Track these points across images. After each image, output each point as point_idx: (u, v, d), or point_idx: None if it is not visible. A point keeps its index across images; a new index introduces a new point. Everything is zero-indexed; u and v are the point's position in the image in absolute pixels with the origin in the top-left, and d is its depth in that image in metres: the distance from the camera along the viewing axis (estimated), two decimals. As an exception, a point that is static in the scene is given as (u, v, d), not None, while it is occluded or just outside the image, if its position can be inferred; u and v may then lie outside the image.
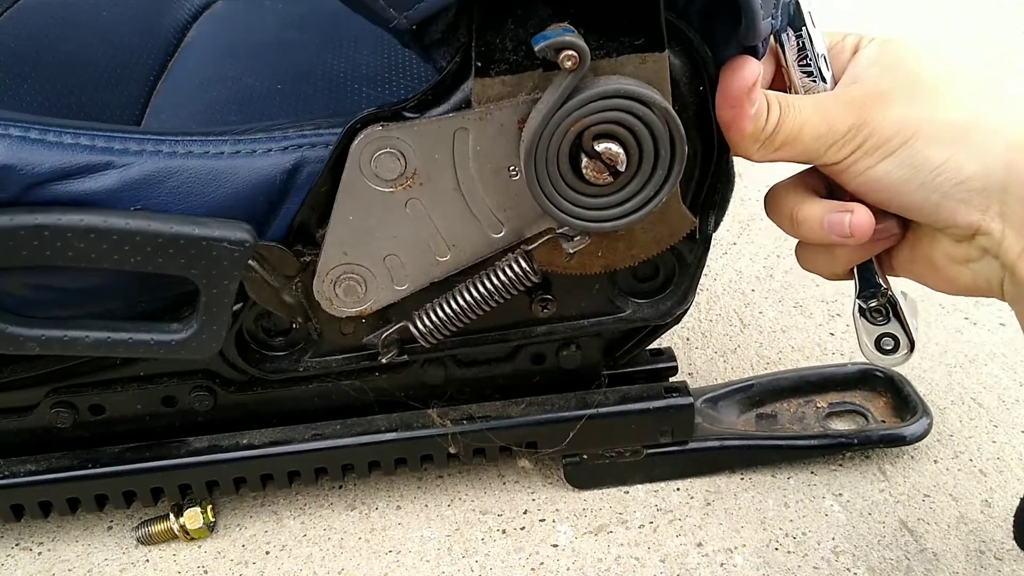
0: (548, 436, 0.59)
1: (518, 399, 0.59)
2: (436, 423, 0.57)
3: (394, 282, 0.49)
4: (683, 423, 0.59)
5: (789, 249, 0.85)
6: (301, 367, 0.54)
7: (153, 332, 0.48)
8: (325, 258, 0.48)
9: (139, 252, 0.45)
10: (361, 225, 0.47)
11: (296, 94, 0.60)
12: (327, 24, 0.70)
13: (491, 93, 0.43)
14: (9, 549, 0.60)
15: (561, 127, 0.43)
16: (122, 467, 0.56)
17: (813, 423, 0.65)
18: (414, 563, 0.58)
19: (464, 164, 0.46)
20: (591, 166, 0.44)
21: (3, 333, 0.46)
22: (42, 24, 0.69)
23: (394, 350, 0.53)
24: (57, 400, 0.55)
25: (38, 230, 0.43)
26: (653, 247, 0.50)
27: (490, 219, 0.48)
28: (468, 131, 0.44)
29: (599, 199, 0.45)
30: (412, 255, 0.48)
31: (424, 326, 0.51)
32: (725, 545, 0.58)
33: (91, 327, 0.48)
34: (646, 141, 0.43)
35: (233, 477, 0.58)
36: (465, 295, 0.50)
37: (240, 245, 0.45)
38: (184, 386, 0.55)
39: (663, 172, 0.45)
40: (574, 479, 0.62)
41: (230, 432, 0.58)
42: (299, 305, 0.50)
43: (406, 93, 0.55)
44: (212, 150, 0.46)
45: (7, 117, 0.45)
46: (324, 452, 0.57)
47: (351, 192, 0.46)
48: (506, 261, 0.49)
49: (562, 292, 0.53)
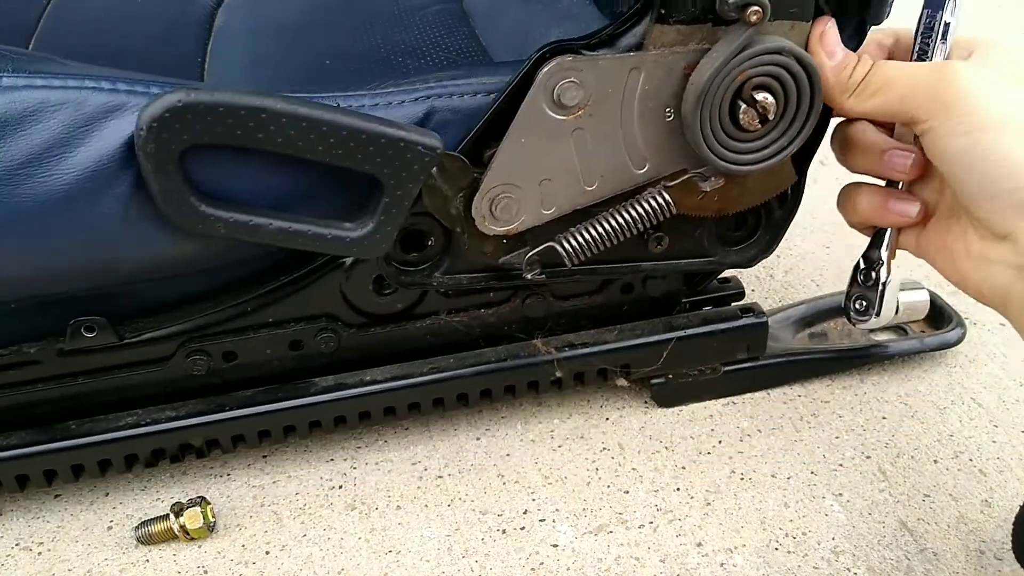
0: (642, 358, 0.65)
1: (611, 327, 0.64)
2: (541, 351, 0.62)
3: (543, 206, 0.53)
4: (758, 340, 0.66)
5: (789, 250, 0.85)
6: (434, 281, 0.58)
7: (331, 227, 0.51)
8: (491, 175, 0.52)
9: (342, 146, 0.48)
10: (530, 148, 0.51)
11: (346, 69, 0.64)
12: (352, 5, 0.74)
13: (665, 39, 0.49)
14: (9, 549, 0.60)
15: (730, 76, 0.49)
16: (256, 408, 0.60)
17: (860, 337, 0.73)
18: (414, 563, 0.58)
19: (630, 101, 0.51)
20: (748, 113, 0.50)
21: (196, 210, 0.48)
22: (84, 16, 0.73)
23: (537, 268, 0.57)
24: (192, 349, 0.58)
25: (256, 112, 0.46)
26: (760, 196, 0.57)
27: (638, 155, 0.53)
28: (640, 71, 0.50)
29: (745, 144, 0.52)
30: (565, 181, 0.53)
31: (571, 246, 0.56)
32: (725, 545, 0.58)
33: (275, 216, 0.50)
34: (792, 94, 0.50)
35: (359, 412, 0.62)
36: (611, 220, 0.55)
37: (432, 151, 0.49)
38: (310, 328, 0.60)
39: (800, 123, 0.52)
40: (661, 398, 0.68)
41: (352, 372, 0.62)
42: (459, 218, 0.54)
43: (446, 65, 0.62)
44: (355, 104, 0.50)
45: (168, 81, 0.48)
46: (441, 384, 0.62)
47: (529, 115, 0.50)
48: (649, 194, 0.54)
49: (672, 233, 0.59)
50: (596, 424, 0.67)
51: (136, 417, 0.59)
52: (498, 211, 0.53)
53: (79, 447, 0.58)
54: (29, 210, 0.46)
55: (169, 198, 0.47)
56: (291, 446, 0.66)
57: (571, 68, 0.49)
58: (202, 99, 0.45)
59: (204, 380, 0.60)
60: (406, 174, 0.50)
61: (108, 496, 0.63)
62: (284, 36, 0.71)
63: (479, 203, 0.52)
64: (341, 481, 0.63)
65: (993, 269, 0.46)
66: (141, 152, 0.46)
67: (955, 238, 0.49)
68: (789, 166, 0.56)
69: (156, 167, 0.46)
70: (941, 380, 0.70)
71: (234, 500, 0.62)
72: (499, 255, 0.57)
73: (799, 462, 0.64)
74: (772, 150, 0.52)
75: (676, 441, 0.66)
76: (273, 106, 0.46)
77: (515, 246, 0.57)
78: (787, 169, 0.56)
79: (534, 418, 0.68)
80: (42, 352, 0.56)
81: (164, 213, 0.48)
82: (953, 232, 0.49)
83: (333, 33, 0.70)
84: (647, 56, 0.49)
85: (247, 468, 0.65)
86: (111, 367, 0.58)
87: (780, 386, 0.69)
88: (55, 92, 0.46)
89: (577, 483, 0.63)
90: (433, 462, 0.65)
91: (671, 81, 0.50)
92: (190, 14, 0.75)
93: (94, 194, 0.47)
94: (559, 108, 0.50)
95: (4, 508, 0.62)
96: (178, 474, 0.64)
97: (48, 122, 0.45)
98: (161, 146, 0.45)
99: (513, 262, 0.57)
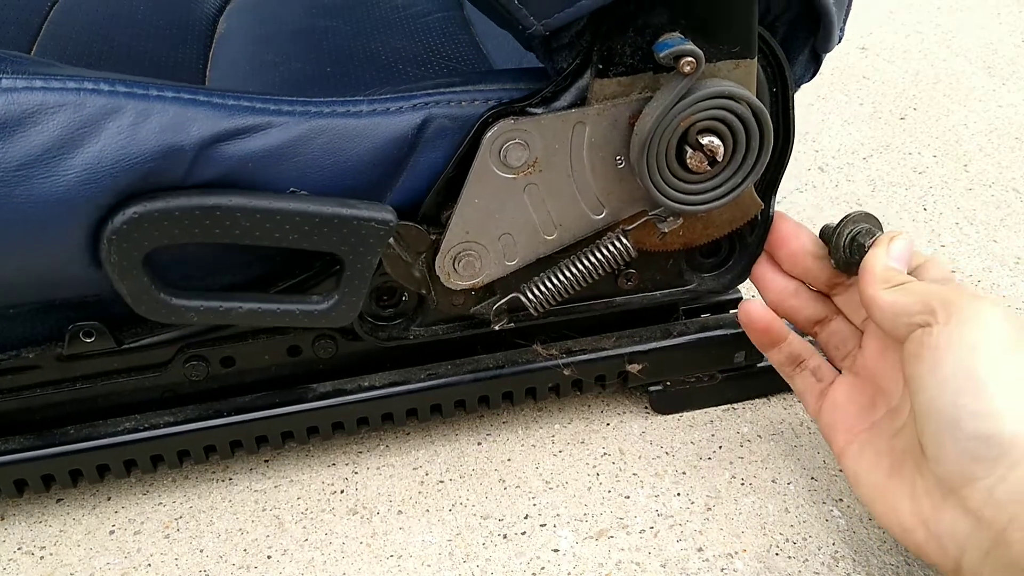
0: (641, 363, 0.65)
1: (608, 333, 0.65)
2: (542, 356, 0.63)
3: (505, 258, 0.55)
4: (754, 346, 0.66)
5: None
6: (411, 335, 0.59)
7: (298, 303, 0.54)
8: (449, 236, 0.53)
9: (297, 230, 0.49)
10: (484, 207, 0.52)
11: (347, 75, 0.64)
12: (354, 12, 0.74)
13: (607, 92, 0.49)
14: (11, 553, 0.60)
15: (673, 123, 0.49)
16: (254, 414, 0.60)
17: None
18: (415, 568, 0.58)
19: (578, 154, 0.51)
20: (695, 157, 0.50)
21: (167, 304, 0.51)
22: (86, 22, 0.73)
23: (504, 318, 0.59)
24: (191, 354, 0.59)
25: (211, 210, 0.47)
26: (726, 226, 0.57)
27: (594, 202, 0.54)
28: (585, 125, 0.50)
29: (696, 185, 0.52)
30: (524, 234, 0.54)
31: (534, 296, 0.57)
32: (726, 550, 0.58)
33: (244, 299, 0.53)
34: (740, 135, 0.51)
35: (357, 418, 0.62)
36: (572, 268, 0.56)
37: (385, 224, 0.51)
38: (308, 335, 0.60)
39: (752, 161, 0.52)
40: (659, 406, 0.68)
41: (349, 377, 0.62)
42: (424, 279, 0.55)
43: (445, 73, 0.64)
44: (352, 109, 0.51)
45: (168, 84, 0.49)
46: (439, 390, 0.63)
47: (480, 177, 0.51)
48: (608, 239, 0.56)
49: (642, 267, 0.60)
50: (597, 429, 0.67)
51: (134, 422, 0.59)
52: (461, 268, 0.54)
53: (77, 452, 0.58)
54: (28, 212, 0.46)
55: (139, 299, 0.50)
56: (293, 451, 0.66)
57: (515, 129, 0.50)
58: (157, 207, 0.47)
59: (202, 386, 0.60)
60: (363, 249, 0.51)
61: (110, 501, 0.63)
62: (285, 42, 0.71)
63: (442, 262, 0.54)
64: (343, 486, 0.63)
65: (943, 526, 0.42)
66: (106, 263, 0.48)
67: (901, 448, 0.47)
68: (752, 195, 0.56)
69: (121, 274, 0.48)
70: (941, 386, 0.70)
71: (236, 504, 0.62)
72: (470, 305, 0.58)
73: (799, 468, 0.64)
74: (725, 189, 0.53)
75: (677, 446, 0.66)
76: (227, 203, 0.48)
77: (484, 296, 0.58)
78: (750, 198, 0.56)
79: (535, 423, 0.68)
80: (41, 357, 0.56)
81: (135, 310, 0.50)
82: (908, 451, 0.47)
83: (334, 40, 0.71)
84: (590, 111, 0.50)
85: (249, 472, 0.65)
86: (109, 372, 0.58)
87: (780, 392, 0.70)
88: (54, 94, 0.46)
89: (578, 488, 0.63)
90: (434, 467, 0.65)
91: (618, 131, 0.51)
92: (192, 21, 0.75)
93: (92, 195, 0.47)
94: (508, 168, 0.51)
95: (6, 512, 0.62)
96: (180, 479, 0.64)
97: (47, 124, 0.45)
98: (124, 255, 0.47)
99: (483, 312, 0.58)
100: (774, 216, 0.58)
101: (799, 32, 0.52)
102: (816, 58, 0.54)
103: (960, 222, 0.88)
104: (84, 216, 0.47)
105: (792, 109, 0.54)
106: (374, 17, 0.74)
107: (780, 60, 0.52)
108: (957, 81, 1.14)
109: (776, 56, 0.52)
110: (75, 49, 0.69)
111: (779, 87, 0.53)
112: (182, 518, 0.62)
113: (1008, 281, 0.80)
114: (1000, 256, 0.84)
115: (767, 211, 0.59)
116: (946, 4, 1.36)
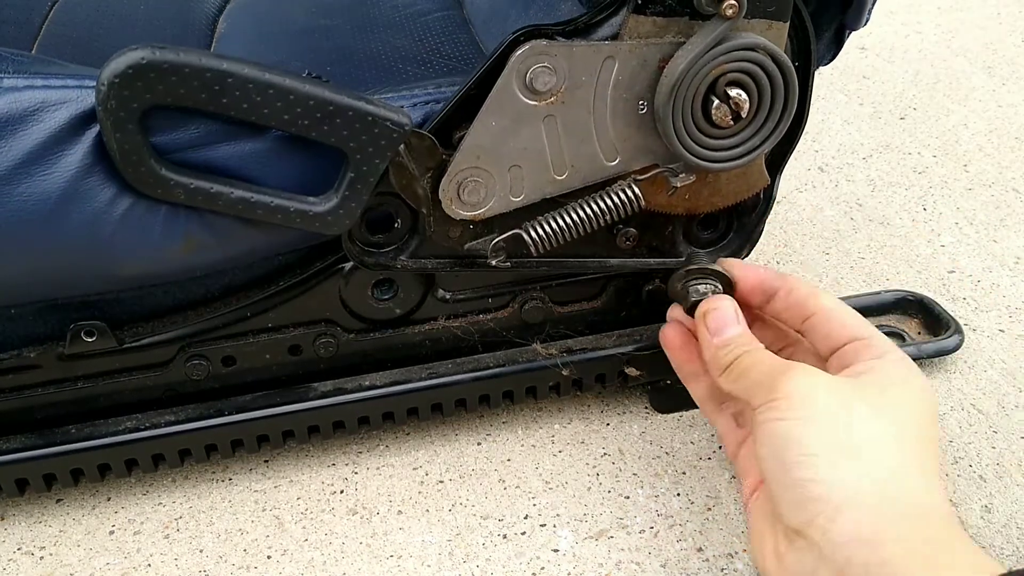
0: (640, 363, 0.65)
1: (609, 332, 0.65)
2: (542, 355, 0.63)
3: (511, 192, 0.53)
4: None
5: (788, 256, 0.86)
6: (398, 264, 0.57)
7: (294, 201, 0.50)
8: (459, 158, 0.51)
9: (308, 116, 0.47)
10: (500, 132, 0.51)
11: (347, 75, 0.64)
12: (354, 11, 0.74)
13: (641, 30, 0.49)
14: (11, 553, 0.60)
15: (704, 70, 0.49)
16: (255, 413, 0.60)
17: None
18: (415, 568, 0.58)
19: (603, 91, 0.50)
20: (720, 109, 0.50)
21: (155, 173, 0.47)
22: (86, 21, 0.73)
23: (502, 256, 0.57)
24: (192, 353, 0.59)
25: (222, 75, 0.45)
26: (731, 197, 0.57)
27: (609, 147, 0.53)
28: (615, 61, 0.49)
29: (716, 141, 0.52)
30: (534, 169, 0.52)
31: (538, 235, 0.55)
32: (726, 550, 0.58)
33: (237, 185, 0.49)
34: (766, 92, 0.50)
35: (357, 417, 0.62)
36: (579, 211, 0.55)
37: (400, 127, 0.49)
38: (309, 333, 0.60)
39: (773, 123, 0.52)
40: (658, 403, 0.68)
41: (350, 377, 0.62)
42: (426, 199, 0.53)
43: (446, 72, 0.63)
44: None
45: None
46: (439, 389, 0.62)
47: (501, 98, 0.50)
48: (618, 186, 0.54)
49: (642, 229, 0.59)
50: (596, 429, 0.67)
51: (135, 421, 0.59)
52: (465, 195, 0.52)
53: (78, 451, 0.58)
54: (30, 209, 0.46)
55: (128, 158, 0.46)
56: (292, 451, 0.66)
57: (544, 53, 0.49)
58: (167, 58, 0.44)
59: (203, 385, 0.60)
60: (372, 150, 0.49)
61: (110, 501, 0.63)
62: (286, 42, 0.71)
63: (446, 185, 0.52)
64: (343, 486, 0.63)
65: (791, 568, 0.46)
66: (101, 108, 0.45)
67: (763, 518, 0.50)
68: (761, 168, 0.56)
69: (116, 124, 0.45)
70: (940, 386, 0.70)
71: (236, 505, 0.62)
72: (465, 240, 0.56)
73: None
74: (744, 149, 0.53)
75: (676, 446, 0.66)
76: (240, 71, 0.45)
77: (481, 232, 0.56)
78: (759, 171, 0.56)
79: (535, 423, 0.68)
80: (42, 356, 0.56)
81: (123, 173, 0.47)
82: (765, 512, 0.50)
83: (335, 39, 0.71)
84: (622, 46, 0.49)
85: (248, 473, 0.65)
86: (111, 371, 0.59)
87: None
88: (55, 92, 0.46)
89: (578, 488, 0.63)
90: (434, 467, 0.65)
91: (646, 73, 0.50)
92: (192, 21, 0.75)
93: (93, 191, 0.47)
94: (531, 93, 0.50)
95: (6, 512, 0.62)
96: (179, 479, 0.64)
97: (48, 121, 0.46)
98: (122, 103, 0.45)
99: (479, 248, 0.56)
100: None
101: (830, 7, 0.53)
102: (839, 39, 0.54)
103: (960, 222, 0.88)
104: (85, 213, 0.47)
105: (811, 87, 0.55)
106: (374, 16, 0.74)
107: (808, 32, 0.52)
108: (957, 81, 1.15)
109: (804, 27, 0.52)
110: (75, 49, 0.69)
111: (802, 62, 0.53)
112: (182, 518, 0.62)
113: (1008, 281, 0.80)
114: (1000, 256, 0.84)
115: (771, 190, 0.59)
116: (946, 4, 1.36)
